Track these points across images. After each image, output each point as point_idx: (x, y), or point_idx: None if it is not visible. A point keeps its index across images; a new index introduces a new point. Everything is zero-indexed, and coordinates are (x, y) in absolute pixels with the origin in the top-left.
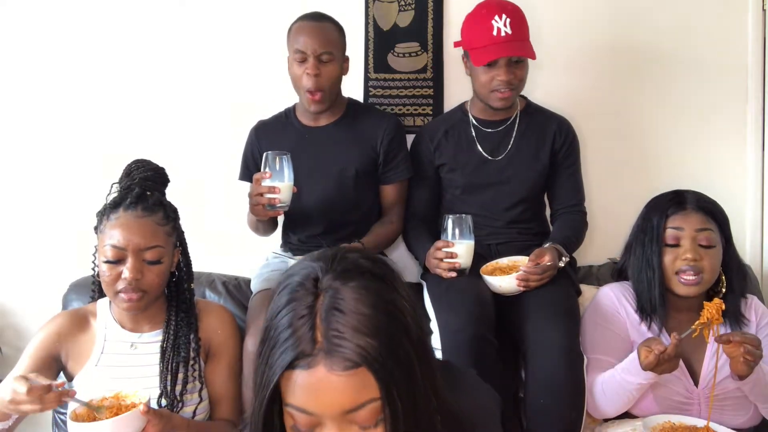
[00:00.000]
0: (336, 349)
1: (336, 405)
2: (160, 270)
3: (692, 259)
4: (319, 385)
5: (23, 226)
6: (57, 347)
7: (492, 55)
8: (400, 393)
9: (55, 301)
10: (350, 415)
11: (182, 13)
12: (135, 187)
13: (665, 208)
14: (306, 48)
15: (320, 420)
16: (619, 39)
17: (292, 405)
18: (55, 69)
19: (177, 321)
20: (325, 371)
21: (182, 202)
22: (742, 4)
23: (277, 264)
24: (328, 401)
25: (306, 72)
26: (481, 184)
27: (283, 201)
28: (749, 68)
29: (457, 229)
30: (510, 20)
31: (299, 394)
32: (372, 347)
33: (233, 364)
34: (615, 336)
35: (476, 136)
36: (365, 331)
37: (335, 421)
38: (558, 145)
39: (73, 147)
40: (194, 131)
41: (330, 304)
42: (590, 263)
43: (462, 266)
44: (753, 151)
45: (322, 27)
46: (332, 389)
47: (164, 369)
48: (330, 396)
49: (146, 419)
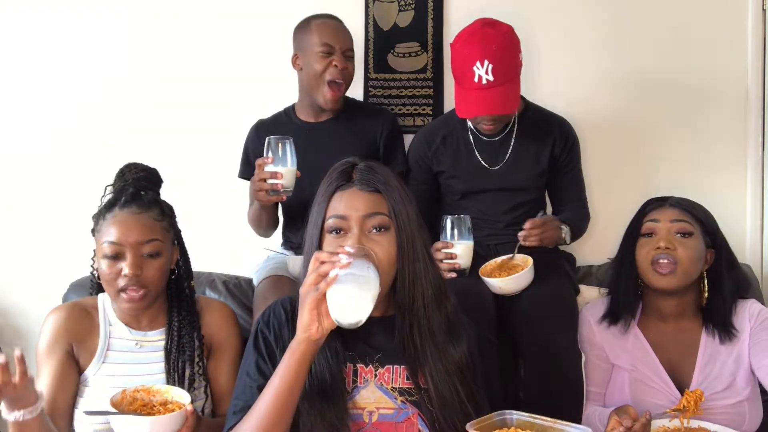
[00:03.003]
0: (364, 179)
1: (360, 209)
2: (159, 264)
3: (665, 248)
4: (352, 196)
5: (23, 226)
6: (68, 341)
7: (468, 111)
8: (402, 220)
9: (55, 301)
10: (367, 219)
11: (181, 13)
12: (129, 187)
13: (644, 207)
14: (335, 42)
15: (348, 224)
16: (619, 39)
17: (332, 215)
18: (55, 69)
19: (180, 320)
20: (357, 189)
21: (182, 202)
22: (741, 5)
23: (279, 257)
24: (354, 207)
25: (333, 64)
26: (480, 190)
27: (286, 186)
28: (749, 68)
29: (456, 230)
30: (493, 67)
31: (338, 205)
32: (388, 187)
33: (236, 360)
34: (595, 365)
35: (474, 144)
36: (386, 177)
37: (357, 222)
38: (558, 150)
39: (73, 147)
40: (193, 131)
41: (364, 165)
42: (590, 263)
43: (462, 267)
44: (753, 152)
45: (344, 27)
46: (359, 199)
47: (170, 369)
48: (356, 204)
49: (185, 421)
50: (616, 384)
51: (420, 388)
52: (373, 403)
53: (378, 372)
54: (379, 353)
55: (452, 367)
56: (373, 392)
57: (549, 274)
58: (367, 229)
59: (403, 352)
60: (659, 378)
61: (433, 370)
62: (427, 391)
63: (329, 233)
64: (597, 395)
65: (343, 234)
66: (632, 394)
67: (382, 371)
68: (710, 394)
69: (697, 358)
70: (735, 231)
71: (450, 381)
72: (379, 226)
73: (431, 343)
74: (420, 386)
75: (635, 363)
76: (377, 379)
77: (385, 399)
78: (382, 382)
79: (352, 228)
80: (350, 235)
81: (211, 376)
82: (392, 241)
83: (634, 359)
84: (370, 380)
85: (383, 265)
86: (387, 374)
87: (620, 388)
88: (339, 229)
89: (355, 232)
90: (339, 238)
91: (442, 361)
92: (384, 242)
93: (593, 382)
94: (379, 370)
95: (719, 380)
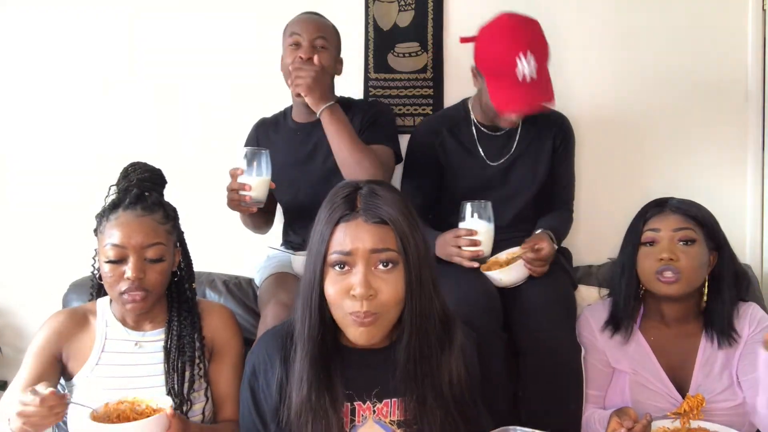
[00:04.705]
0: (371, 209)
1: (367, 243)
2: (162, 268)
3: (668, 259)
4: (357, 229)
5: (23, 226)
6: (58, 347)
7: (515, 106)
8: (410, 254)
9: (55, 301)
10: (374, 255)
11: (182, 13)
12: (133, 188)
13: (645, 212)
14: (302, 31)
15: (354, 259)
16: (618, 39)
17: (336, 251)
18: (55, 69)
19: (180, 321)
20: (362, 221)
21: (182, 202)
22: (742, 4)
23: (282, 255)
24: (360, 240)
25: (299, 56)
26: (482, 188)
27: (254, 197)
28: (749, 68)
29: (477, 215)
30: (535, 59)
31: (342, 239)
32: (396, 217)
33: (236, 364)
34: (594, 368)
35: (478, 139)
36: (393, 206)
37: (363, 258)
38: (556, 144)
39: (73, 147)
40: (194, 130)
41: (368, 190)
42: (590, 263)
43: (485, 254)
44: (753, 152)
45: (318, 19)
46: (365, 232)
47: (170, 369)
48: (362, 237)
49: (169, 424)
50: (616, 387)
51: (419, 419)
52: None
53: (376, 408)
54: (377, 387)
55: (453, 396)
56: (371, 428)
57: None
58: (374, 264)
59: (405, 385)
60: (660, 381)
61: (431, 406)
62: (427, 421)
63: (333, 267)
64: (596, 398)
65: (348, 270)
66: (633, 397)
67: (380, 406)
68: (710, 396)
69: (696, 361)
70: (735, 231)
71: (450, 411)
72: (387, 261)
73: (432, 381)
74: (418, 417)
75: (636, 366)
76: (375, 414)
77: None
78: (381, 417)
79: (357, 263)
80: (355, 272)
81: (212, 379)
82: (400, 278)
83: (635, 363)
84: (368, 417)
85: (390, 304)
86: (385, 408)
87: (620, 391)
88: (343, 264)
89: (360, 269)
90: (343, 273)
91: (441, 397)
92: (391, 280)
93: (593, 385)
94: (377, 406)
95: (719, 382)
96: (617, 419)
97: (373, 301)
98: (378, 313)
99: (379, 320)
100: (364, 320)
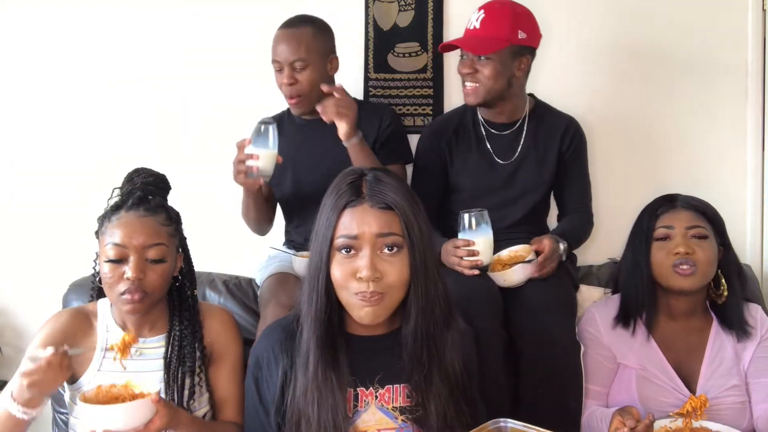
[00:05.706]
0: (376, 195)
1: (373, 228)
2: (162, 270)
3: (685, 253)
4: (363, 214)
5: (23, 226)
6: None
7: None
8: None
9: (55, 301)
10: (380, 239)
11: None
12: (137, 191)
13: (655, 209)
14: (280, 57)
15: (360, 243)
16: (619, 40)
17: (342, 236)
18: (55, 70)
19: (181, 329)
20: (368, 206)
21: (181, 202)
22: (742, 4)
23: (283, 255)
24: (366, 225)
25: (284, 82)
26: (489, 188)
27: (262, 168)
28: (749, 68)
29: (475, 224)
30: (485, 15)
31: (348, 224)
32: (400, 202)
33: (236, 366)
34: (600, 364)
35: (486, 137)
36: (398, 192)
37: (369, 242)
38: (565, 147)
39: (73, 147)
40: (193, 130)
41: (373, 177)
42: (590, 263)
43: (484, 263)
44: (753, 151)
45: (294, 34)
46: (371, 217)
47: (170, 379)
48: (369, 221)
49: (156, 409)
50: (622, 382)
51: (421, 405)
52: (373, 425)
53: (378, 393)
54: (380, 374)
55: (454, 383)
56: (374, 414)
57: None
58: (379, 248)
59: (410, 371)
60: (667, 376)
61: (437, 387)
62: (429, 407)
63: (339, 251)
64: (599, 394)
65: (354, 254)
66: (639, 393)
67: (383, 392)
68: (717, 392)
69: (705, 355)
70: (735, 231)
71: (452, 397)
72: (392, 245)
73: (437, 362)
74: (421, 403)
75: (643, 362)
76: (378, 400)
77: (386, 420)
78: (383, 403)
79: (364, 247)
80: (362, 255)
81: (212, 382)
82: (405, 262)
83: (642, 358)
84: (371, 402)
85: (395, 286)
86: (387, 394)
87: (627, 387)
88: (350, 248)
89: (366, 252)
90: (350, 257)
91: (446, 378)
92: (396, 263)
93: (596, 381)
94: (380, 391)
95: (727, 377)
96: (620, 418)
97: (379, 283)
98: (384, 293)
99: (385, 300)
100: (370, 299)
